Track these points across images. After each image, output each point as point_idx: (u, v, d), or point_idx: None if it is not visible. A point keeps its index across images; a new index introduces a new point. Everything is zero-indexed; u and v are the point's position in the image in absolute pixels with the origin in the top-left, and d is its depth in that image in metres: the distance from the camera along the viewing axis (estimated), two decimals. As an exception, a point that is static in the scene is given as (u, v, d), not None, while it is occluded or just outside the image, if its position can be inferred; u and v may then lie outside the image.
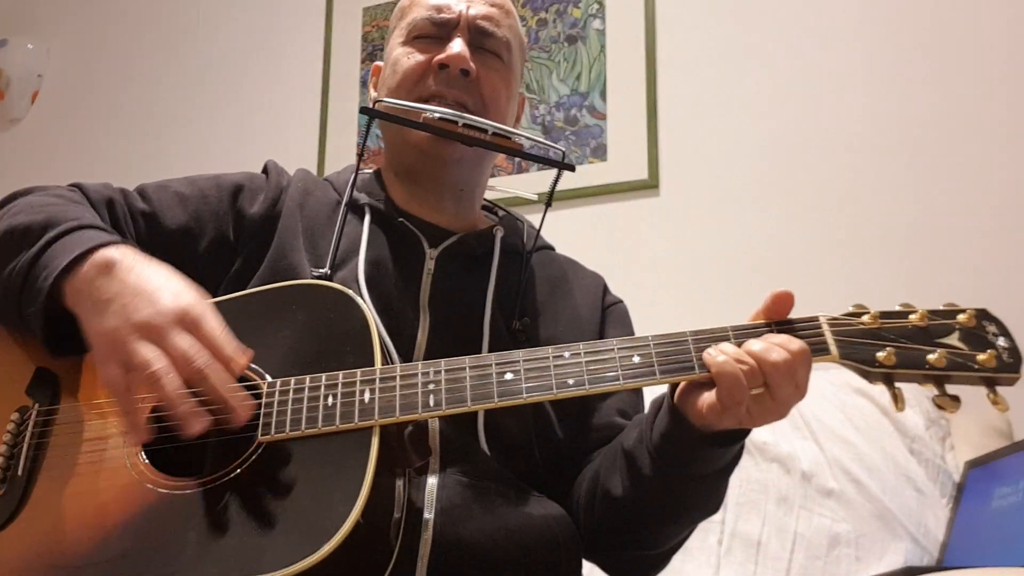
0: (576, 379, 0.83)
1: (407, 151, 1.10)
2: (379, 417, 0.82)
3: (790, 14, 2.14)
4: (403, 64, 1.10)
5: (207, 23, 2.83)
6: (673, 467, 0.89)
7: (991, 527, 1.37)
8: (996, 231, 1.84)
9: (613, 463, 0.96)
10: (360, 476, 0.78)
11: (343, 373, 0.85)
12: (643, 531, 0.97)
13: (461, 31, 1.10)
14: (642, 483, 0.91)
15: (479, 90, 1.09)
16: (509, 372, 0.84)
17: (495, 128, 1.03)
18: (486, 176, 1.17)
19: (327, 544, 0.74)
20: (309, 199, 1.10)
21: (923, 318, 0.83)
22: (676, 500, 0.93)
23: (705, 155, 2.13)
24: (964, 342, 0.82)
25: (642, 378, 0.83)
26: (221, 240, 1.05)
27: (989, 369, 0.80)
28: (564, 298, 1.13)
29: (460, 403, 0.83)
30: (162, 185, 1.09)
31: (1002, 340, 0.82)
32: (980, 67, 1.94)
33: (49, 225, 0.90)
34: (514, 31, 1.16)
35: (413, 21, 1.12)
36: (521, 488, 0.97)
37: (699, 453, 0.87)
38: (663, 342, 0.84)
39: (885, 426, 1.60)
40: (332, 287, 0.93)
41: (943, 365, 0.81)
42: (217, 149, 2.64)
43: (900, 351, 0.82)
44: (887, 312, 0.85)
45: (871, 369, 0.82)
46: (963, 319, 0.83)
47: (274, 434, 0.83)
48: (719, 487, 0.94)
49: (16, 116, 2.97)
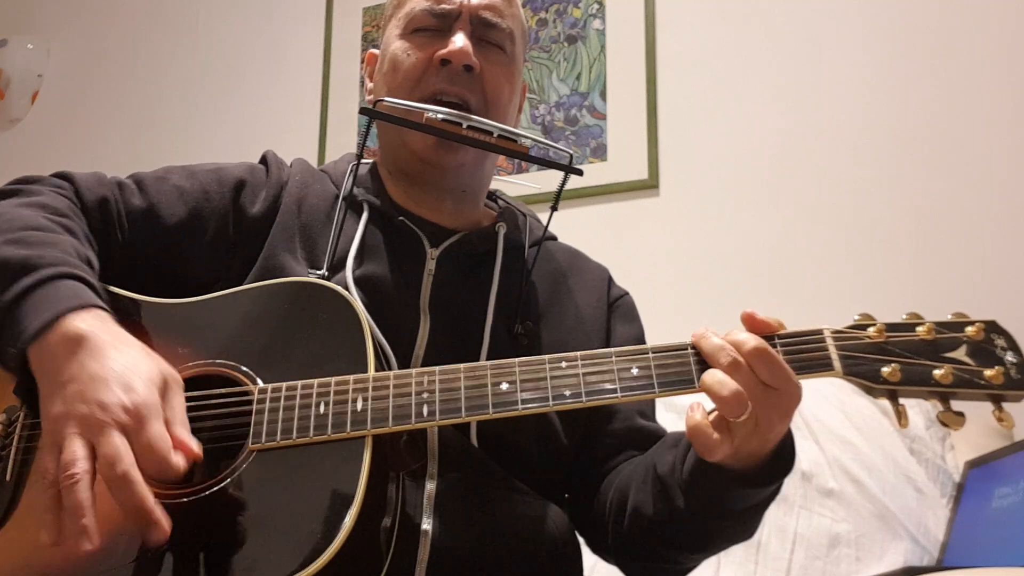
0: (572, 391, 0.81)
1: (405, 155, 1.07)
2: (372, 427, 0.80)
3: (790, 15, 2.13)
4: (402, 61, 1.05)
5: (207, 23, 2.83)
6: (704, 503, 0.86)
7: (991, 527, 1.37)
8: (998, 231, 1.83)
9: (645, 482, 0.93)
10: (353, 487, 0.76)
11: (335, 380, 0.83)
12: (674, 552, 0.94)
13: (463, 23, 1.05)
14: (673, 512, 0.89)
15: (482, 86, 1.04)
16: (505, 382, 0.82)
17: (500, 130, 0.99)
18: (489, 174, 1.13)
19: (320, 558, 0.72)
20: (308, 193, 1.06)
21: (930, 331, 0.80)
22: (709, 532, 0.90)
23: (705, 155, 2.13)
24: (972, 357, 0.79)
25: (640, 391, 0.81)
26: (222, 237, 1.02)
27: (996, 386, 0.77)
28: (568, 296, 1.10)
29: (454, 413, 0.81)
30: (160, 176, 1.04)
31: (1010, 355, 0.79)
32: (983, 68, 1.93)
33: (26, 268, 0.83)
34: (517, 20, 1.11)
35: (411, 12, 1.07)
36: (521, 492, 0.95)
37: (730, 492, 0.84)
38: (663, 354, 0.82)
39: (885, 426, 1.60)
40: (327, 286, 0.90)
41: (949, 382, 0.78)
42: (217, 149, 2.64)
43: (906, 367, 0.79)
44: (893, 324, 0.82)
45: (876, 386, 0.79)
46: (971, 332, 0.80)
47: (265, 442, 0.80)
48: (753, 521, 0.90)
49: (16, 116, 2.97)
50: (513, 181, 2.21)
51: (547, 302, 1.08)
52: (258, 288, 0.92)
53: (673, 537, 0.91)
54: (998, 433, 1.61)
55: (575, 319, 1.08)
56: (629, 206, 2.15)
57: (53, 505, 0.73)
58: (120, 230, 0.99)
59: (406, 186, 1.09)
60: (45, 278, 0.83)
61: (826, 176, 2.01)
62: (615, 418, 1.05)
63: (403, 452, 0.83)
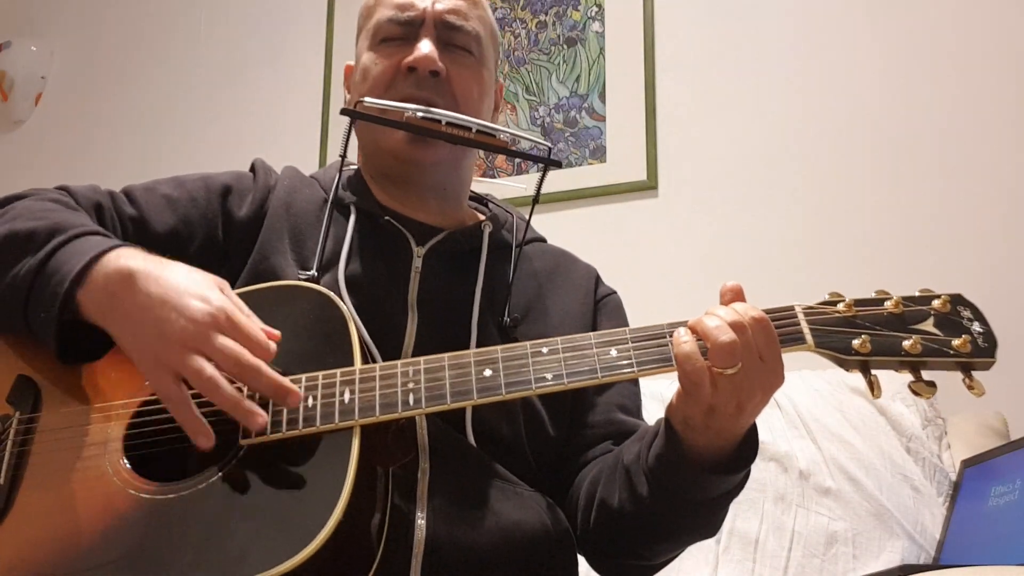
0: (554, 373, 0.83)
1: (382, 155, 1.09)
2: (359, 417, 0.81)
3: (789, 15, 2.14)
4: (371, 71, 1.08)
5: (209, 25, 2.84)
6: (668, 491, 0.88)
7: (987, 525, 1.37)
8: (999, 229, 1.84)
9: (613, 474, 0.95)
10: (341, 477, 0.77)
11: (323, 374, 0.84)
12: (638, 544, 0.96)
13: (427, 29, 1.07)
14: (638, 502, 0.90)
15: (451, 89, 1.07)
16: (488, 368, 0.84)
17: (479, 126, 1.01)
18: (468, 172, 1.15)
19: (310, 545, 0.73)
20: (296, 198, 1.08)
21: (898, 305, 0.83)
22: (671, 522, 0.92)
23: (703, 156, 2.13)
24: (939, 328, 0.82)
25: (620, 371, 0.83)
26: (210, 243, 1.04)
27: (964, 354, 0.80)
28: (555, 293, 1.12)
29: (440, 400, 0.82)
30: (149, 187, 1.07)
31: (977, 325, 0.82)
32: (984, 68, 1.94)
33: (55, 231, 0.89)
34: (483, 21, 1.13)
35: (378, 23, 1.10)
36: (514, 484, 0.96)
37: (695, 478, 0.86)
38: (640, 335, 0.84)
39: (882, 425, 1.60)
40: (312, 288, 0.92)
41: (918, 351, 0.80)
42: (218, 149, 2.65)
43: (875, 338, 0.82)
44: (862, 299, 0.85)
45: (847, 357, 0.82)
46: (938, 305, 0.83)
47: (255, 437, 0.82)
48: (716, 514, 0.92)
49: (20, 118, 2.98)
50: (499, 183, 2.23)
51: (533, 298, 1.09)
52: (247, 292, 0.94)
53: (637, 528, 0.93)
54: (994, 432, 1.62)
55: (561, 315, 1.09)
56: (628, 207, 2.16)
57: (190, 417, 0.79)
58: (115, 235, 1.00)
59: (389, 187, 1.11)
60: (76, 234, 0.89)
61: (825, 177, 2.01)
62: (594, 410, 1.07)
63: (392, 444, 0.85)
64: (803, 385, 1.69)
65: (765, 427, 1.62)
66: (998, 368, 0.81)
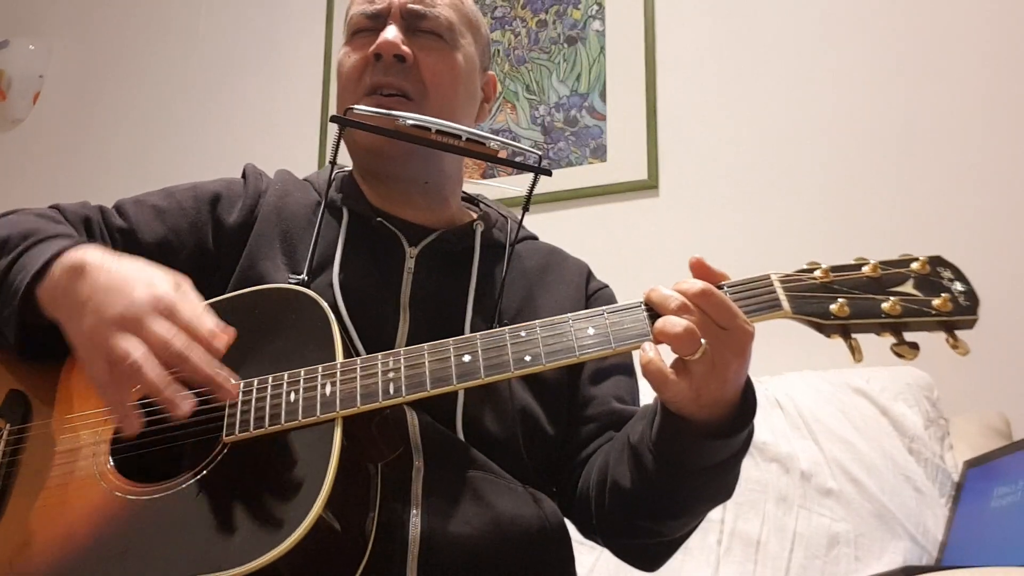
0: (533, 355, 0.83)
1: (360, 153, 1.11)
2: (341, 408, 0.82)
3: (789, 15, 2.14)
4: (344, 64, 1.10)
5: (208, 24, 2.84)
6: (674, 463, 0.88)
7: (990, 527, 1.37)
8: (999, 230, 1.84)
9: (621, 454, 0.96)
10: (323, 469, 0.77)
11: (304, 369, 0.85)
12: (653, 521, 0.96)
13: (393, 18, 1.08)
14: (648, 478, 0.91)
15: (419, 75, 1.07)
16: (467, 354, 0.84)
17: (468, 133, 1.01)
18: (452, 169, 1.14)
19: (291, 536, 0.74)
20: (288, 201, 1.09)
21: (875, 269, 0.82)
22: (683, 493, 0.92)
23: (704, 155, 2.13)
24: (918, 289, 0.81)
25: (597, 348, 0.83)
26: (201, 251, 1.04)
27: (946, 313, 0.79)
28: (547, 291, 1.12)
29: (419, 388, 0.83)
30: (139, 200, 1.08)
31: (958, 284, 0.81)
32: (985, 68, 1.94)
33: (28, 235, 0.91)
34: (456, 8, 1.13)
35: (351, 18, 1.12)
36: (508, 480, 0.96)
37: (698, 446, 0.86)
38: (617, 312, 0.84)
39: (884, 426, 1.60)
40: (293, 289, 0.93)
41: (898, 312, 0.79)
42: (218, 149, 2.65)
43: (853, 301, 0.80)
44: (839, 266, 0.84)
45: (825, 322, 0.80)
46: (916, 267, 0.82)
47: (238, 433, 0.82)
48: (727, 477, 0.92)
49: (18, 117, 2.97)
50: (489, 184, 2.22)
51: (526, 296, 1.10)
52: (229, 298, 0.95)
53: (651, 505, 0.93)
54: (997, 433, 1.62)
55: (553, 311, 1.09)
56: (628, 206, 2.16)
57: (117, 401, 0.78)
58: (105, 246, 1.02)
59: (378, 186, 1.12)
60: (44, 237, 0.90)
61: (825, 177, 2.01)
62: (591, 404, 1.07)
63: (377, 437, 0.85)
64: (805, 386, 1.68)
65: (767, 428, 1.62)
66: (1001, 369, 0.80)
